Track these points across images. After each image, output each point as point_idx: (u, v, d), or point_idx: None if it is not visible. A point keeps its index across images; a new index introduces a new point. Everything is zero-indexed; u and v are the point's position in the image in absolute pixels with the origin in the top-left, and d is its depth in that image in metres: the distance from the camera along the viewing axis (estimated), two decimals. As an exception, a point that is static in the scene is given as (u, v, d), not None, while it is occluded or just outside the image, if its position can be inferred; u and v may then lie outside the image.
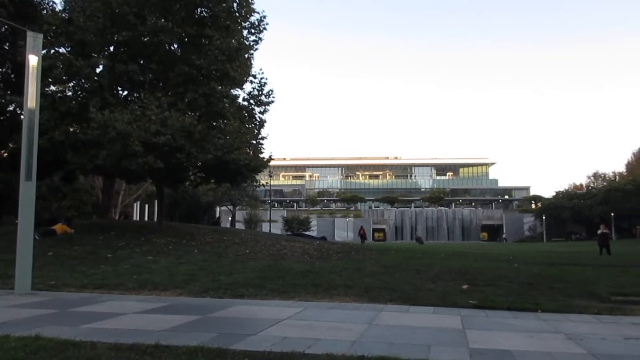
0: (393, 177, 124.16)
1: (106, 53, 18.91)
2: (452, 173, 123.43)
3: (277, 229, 65.90)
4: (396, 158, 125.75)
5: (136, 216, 50.15)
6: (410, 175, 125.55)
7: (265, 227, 65.13)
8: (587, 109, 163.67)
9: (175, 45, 19.59)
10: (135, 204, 50.40)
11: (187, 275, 10.93)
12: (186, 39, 19.01)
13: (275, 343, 5.26)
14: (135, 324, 6.34)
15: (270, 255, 16.05)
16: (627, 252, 27.88)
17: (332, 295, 8.88)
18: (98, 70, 18.50)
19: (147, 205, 52.28)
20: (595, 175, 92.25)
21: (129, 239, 16.65)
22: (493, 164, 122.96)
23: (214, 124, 19.11)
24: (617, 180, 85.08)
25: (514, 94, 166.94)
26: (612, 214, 69.48)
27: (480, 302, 8.08)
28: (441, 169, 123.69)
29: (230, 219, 66.67)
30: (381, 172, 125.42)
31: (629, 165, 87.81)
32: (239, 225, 61.97)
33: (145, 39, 18.15)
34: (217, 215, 61.12)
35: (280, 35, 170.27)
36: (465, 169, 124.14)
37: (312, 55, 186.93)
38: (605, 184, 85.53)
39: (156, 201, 26.84)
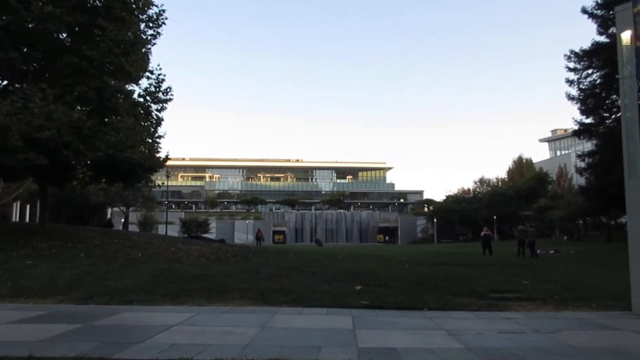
0: (294, 179, 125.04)
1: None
2: (351, 176, 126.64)
3: (174, 231, 64.04)
4: (298, 161, 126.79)
5: (16, 217, 46.22)
6: (311, 178, 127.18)
7: (161, 230, 63.01)
8: (476, 117, 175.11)
9: (64, 35, 18.36)
10: (14, 204, 46.40)
11: (71, 280, 10.25)
12: (76, 28, 17.85)
13: (163, 350, 5.08)
14: (7, 334, 5.83)
15: (165, 258, 15.51)
16: (507, 252, 30.17)
17: (226, 299, 8.74)
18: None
19: (28, 205, 48.37)
20: (481, 181, 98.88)
21: (6, 242, 15.30)
22: (390, 168, 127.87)
23: (106, 120, 18.10)
24: (499, 185, 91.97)
25: (409, 102, 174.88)
26: (495, 217, 74.97)
27: (371, 302, 8.32)
28: (341, 172, 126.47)
29: (122, 220, 63.71)
30: (282, 175, 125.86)
31: (510, 172, 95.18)
32: (133, 228, 59.42)
33: (30, 25, 16.80)
34: (109, 216, 58.10)
35: (182, 32, 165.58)
36: (364, 172, 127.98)
37: (213, 54, 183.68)
38: (489, 189, 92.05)
39: (39, 201, 24.93)
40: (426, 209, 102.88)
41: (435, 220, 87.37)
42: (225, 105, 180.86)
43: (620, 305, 8.20)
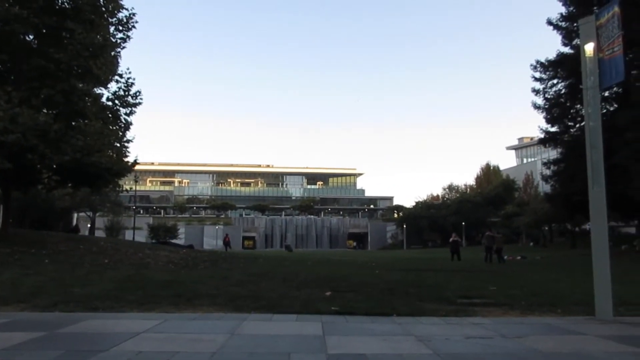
0: (265, 185, 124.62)
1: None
2: (322, 182, 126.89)
3: (142, 236, 63.02)
4: (268, 166, 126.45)
5: (-23, 222, 44.76)
6: (282, 184, 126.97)
7: (128, 235, 61.96)
8: (445, 124, 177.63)
9: (31, 36, 17.97)
10: (-24, 209, 45.03)
11: (34, 287, 9.97)
12: (44, 30, 17.50)
13: (130, 358, 4.97)
14: (-35, 344, 5.62)
15: (132, 264, 15.24)
16: (475, 258, 30.62)
17: (195, 305, 8.62)
18: None
19: (-10, 210, 46.93)
20: (450, 187, 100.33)
21: (-34, 248, 14.84)
22: (361, 174, 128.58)
23: (73, 123, 17.75)
24: (467, 192, 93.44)
25: (380, 109, 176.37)
26: (464, 223, 76.08)
27: (341, 308, 8.33)
28: (312, 178, 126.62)
29: (89, 226, 62.44)
30: (253, 180, 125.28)
31: (478, 179, 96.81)
32: (100, 233, 58.27)
33: (-5, 27, 16.40)
34: (75, 222, 56.84)
35: (153, 35, 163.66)
36: (335, 178, 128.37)
37: (183, 58, 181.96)
38: (458, 195, 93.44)
39: (1, 206, 24.22)
40: (396, 215, 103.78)
41: (404, 226, 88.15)
42: (195, 110, 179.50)
43: (584, 311, 8.40)
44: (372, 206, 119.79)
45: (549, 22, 35.39)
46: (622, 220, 43.50)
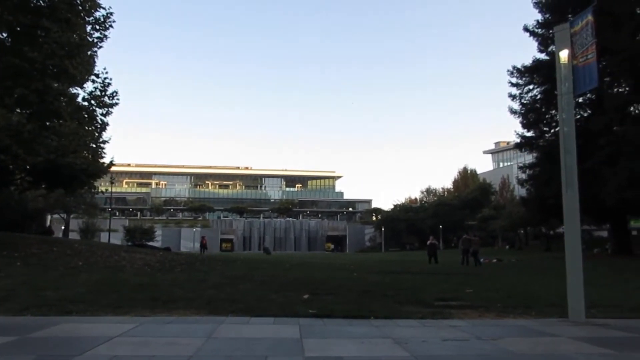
0: (243, 187, 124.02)
1: None
2: (300, 185, 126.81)
3: (118, 239, 62.24)
4: (247, 168, 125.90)
5: (-53, 224, 43.67)
6: (261, 186, 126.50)
7: (104, 237, 61.14)
8: (424, 128, 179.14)
9: (5, 34, 17.61)
10: (-54, 210, 43.86)
11: (5, 291, 9.75)
12: (18, 29, 17.16)
13: (104, 363, 4.91)
14: None
15: (107, 267, 15.01)
16: (452, 261, 30.91)
17: (171, 309, 8.53)
18: None
19: (-39, 212, 45.81)
20: (428, 191, 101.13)
21: None
22: (339, 177, 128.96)
23: (48, 123, 17.44)
24: (445, 195, 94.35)
25: (359, 112, 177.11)
26: (441, 226, 76.77)
27: (319, 311, 8.33)
28: (291, 180, 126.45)
29: (63, 228, 61.39)
30: (231, 182, 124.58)
31: (455, 183, 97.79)
32: (74, 235, 57.34)
33: (-33, 24, 16.06)
34: (48, 224, 55.80)
35: (130, 35, 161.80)
36: (314, 181, 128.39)
37: (162, 59, 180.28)
38: (435, 198, 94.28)
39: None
40: (374, 218, 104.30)
41: (383, 229, 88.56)
42: (173, 111, 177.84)
43: (558, 312, 8.54)
44: (350, 209, 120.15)
45: (526, 29, 35.98)
46: (595, 223, 44.39)
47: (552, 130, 34.88)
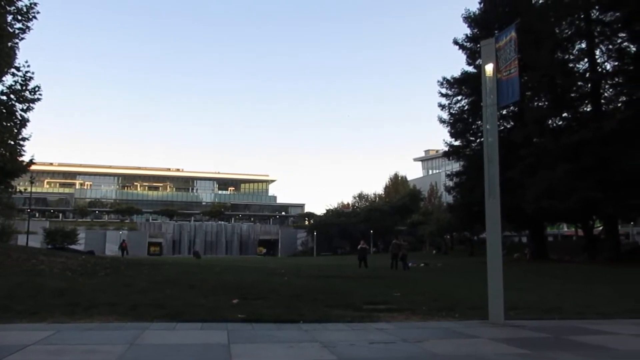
0: (174, 189, 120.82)
1: None
2: (233, 188, 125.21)
3: (37, 242, 58.93)
4: (178, 170, 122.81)
5: None
6: (192, 189, 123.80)
7: (22, 240, 57.82)
8: (357, 134, 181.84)
9: None
10: None
11: None
12: None
13: (15, 373, 4.62)
14: None
15: (23, 271, 14.18)
16: (382, 265, 31.49)
17: (92, 314, 8.16)
18: None
19: None
20: (360, 196, 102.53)
21: None
22: (273, 181, 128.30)
23: (-40, 118, 16.36)
24: (377, 201, 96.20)
25: (292, 116, 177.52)
26: (372, 231, 78.17)
27: (248, 316, 8.25)
28: (223, 183, 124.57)
29: (-24, 229, 57.48)
30: (162, 184, 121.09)
31: (387, 189, 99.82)
32: (-12, 237, 53.78)
33: None
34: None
35: (60, 28, 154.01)
36: (247, 184, 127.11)
37: (88, 56, 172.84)
38: (367, 204, 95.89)
39: None
40: (307, 222, 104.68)
41: (315, 233, 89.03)
42: (100, 109, 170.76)
43: (479, 315, 8.90)
44: (283, 213, 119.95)
45: (455, 42, 37.48)
46: (516, 230, 46.69)
47: (478, 140, 36.39)
